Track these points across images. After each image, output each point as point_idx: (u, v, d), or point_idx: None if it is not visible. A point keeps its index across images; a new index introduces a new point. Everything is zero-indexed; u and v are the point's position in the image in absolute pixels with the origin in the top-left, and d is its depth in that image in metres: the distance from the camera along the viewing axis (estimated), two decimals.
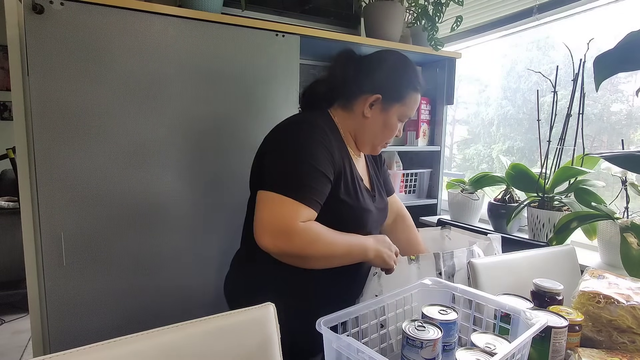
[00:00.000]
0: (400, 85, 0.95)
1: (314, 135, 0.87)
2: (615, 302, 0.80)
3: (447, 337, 0.74)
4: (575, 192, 1.39)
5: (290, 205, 0.80)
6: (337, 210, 0.89)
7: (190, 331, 0.61)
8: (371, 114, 0.95)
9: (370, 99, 0.94)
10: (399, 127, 1.01)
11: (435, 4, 1.68)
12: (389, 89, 0.94)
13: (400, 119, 0.98)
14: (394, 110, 0.96)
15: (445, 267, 0.97)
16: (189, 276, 1.30)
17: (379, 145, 1.01)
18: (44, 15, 1.04)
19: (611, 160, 1.01)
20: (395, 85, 0.95)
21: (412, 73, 0.97)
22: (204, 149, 1.29)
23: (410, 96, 0.96)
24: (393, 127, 0.98)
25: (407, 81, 0.96)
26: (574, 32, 1.62)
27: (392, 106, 0.95)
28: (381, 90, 0.94)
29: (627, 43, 0.86)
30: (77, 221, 1.13)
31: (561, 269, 1.08)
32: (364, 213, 0.94)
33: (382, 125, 0.97)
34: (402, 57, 0.99)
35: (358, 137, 0.99)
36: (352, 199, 0.92)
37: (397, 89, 0.95)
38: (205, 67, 1.26)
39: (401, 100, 0.95)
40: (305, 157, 0.84)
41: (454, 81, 1.85)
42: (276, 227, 0.80)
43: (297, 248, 0.80)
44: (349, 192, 0.91)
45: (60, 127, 1.09)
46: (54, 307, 1.12)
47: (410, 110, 0.98)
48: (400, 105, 0.96)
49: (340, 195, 0.89)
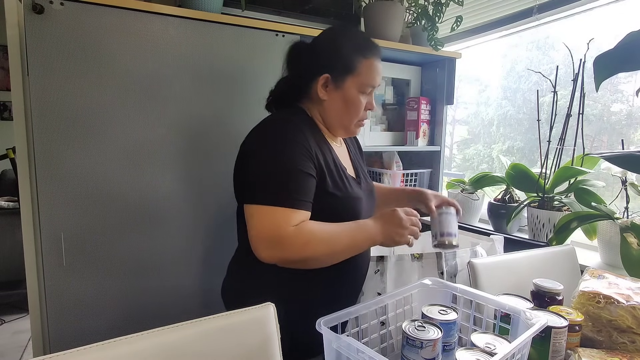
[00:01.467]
0: (344, 57, 0.91)
1: (288, 135, 0.85)
2: (615, 302, 0.80)
3: (447, 337, 0.74)
4: (575, 192, 1.39)
5: (276, 213, 0.80)
6: (328, 205, 0.88)
7: (190, 331, 0.61)
8: (327, 95, 0.93)
9: (320, 80, 0.91)
10: (369, 100, 0.95)
11: (435, 4, 1.68)
12: (334, 64, 0.91)
13: (361, 91, 0.92)
14: (349, 84, 0.91)
15: (447, 267, 0.98)
16: (189, 276, 1.30)
17: (351, 124, 0.96)
18: (44, 15, 1.04)
19: (611, 160, 1.01)
20: (339, 59, 0.91)
21: (355, 41, 0.92)
22: (203, 149, 1.29)
23: (360, 64, 0.91)
24: (355, 101, 0.92)
25: (352, 50, 0.91)
26: (574, 32, 1.62)
27: (344, 80, 0.91)
28: (327, 69, 0.91)
29: (627, 43, 0.86)
30: (77, 221, 1.13)
31: (561, 269, 1.08)
32: (355, 202, 0.93)
33: (342, 103, 0.93)
34: (342, 29, 0.96)
35: (326, 122, 0.96)
36: (341, 191, 0.90)
37: (343, 62, 0.91)
38: (205, 67, 1.26)
39: (352, 71, 0.91)
40: (282, 160, 0.83)
41: (454, 81, 1.85)
42: (268, 238, 0.79)
43: (294, 253, 0.79)
44: (336, 185, 0.90)
45: (60, 127, 1.09)
46: (54, 307, 1.12)
47: (368, 79, 0.92)
48: (353, 76, 0.91)
49: (328, 190, 0.88)
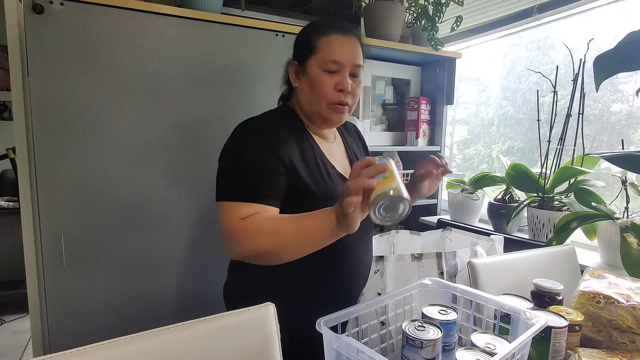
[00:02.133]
0: (305, 39, 0.93)
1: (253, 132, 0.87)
2: (615, 302, 0.80)
3: (447, 337, 0.74)
4: (575, 192, 1.39)
5: (228, 208, 0.80)
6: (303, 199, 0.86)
7: (190, 331, 0.61)
8: (299, 82, 0.94)
9: (291, 69, 0.95)
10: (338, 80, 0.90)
11: (435, 4, 1.68)
12: (298, 49, 0.95)
13: (323, 68, 0.90)
14: (311, 64, 0.91)
15: (447, 267, 0.98)
16: (189, 276, 1.30)
17: (322, 108, 0.91)
18: (44, 15, 1.04)
19: (611, 160, 1.01)
20: (301, 43, 0.94)
21: (317, 23, 0.95)
22: (204, 148, 1.29)
23: (319, 42, 0.90)
24: (318, 80, 0.90)
25: (311, 32, 0.93)
26: (574, 32, 1.62)
27: (307, 62, 0.92)
28: (294, 56, 0.95)
29: (627, 43, 0.86)
30: (77, 221, 1.13)
31: (561, 269, 1.08)
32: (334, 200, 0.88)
33: (309, 86, 0.92)
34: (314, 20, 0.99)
35: (303, 112, 0.96)
36: (319, 184, 0.88)
37: (304, 44, 0.93)
38: (205, 67, 1.26)
39: (313, 51, 0.91)
40: (241, 157, 0.84)
41: (454, 81, 1.85)
42: (222, 233, 0.80)
43: (242, 246, 0.76)
44: (314, 177, 0.88)
45: (60, 127, 1.09)
46: (54, 307, 1.12)
47: (328, 54, 0.89)
48: (314, 55, 0.91)
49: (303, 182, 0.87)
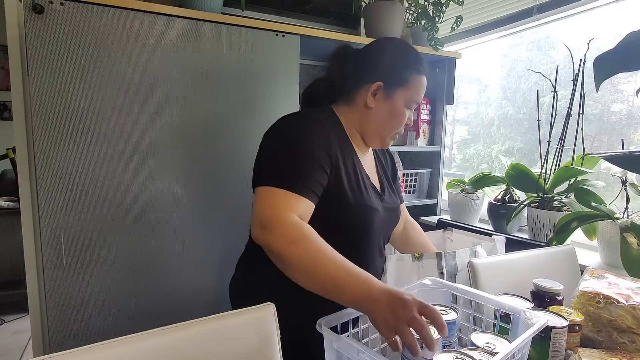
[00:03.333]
0: (401, 69, 0.92)
1: (309, 126, 0.85)
2: (615, 302, 0.80)
3: (447, 337, 0.74)
4: (575, 192, 1.39)
5: (281, 195, 0.77)
6: (338, 206, 0.86)
7: (190, 331, 0.61)
8: (375, 103, 0.93)
9: (372, 87, 0.91)
10: (408, 115, 0.96)
11: (435, 4, 1.68)
12: (390, 74, 0.92)
13: (407, 105, 0.94)
14: (399, 96, 0.92)
15: (447, 267, 0.97)
16: (189, 276, 1.30)
17: (387, 136, 0.96)
18: (44, 15, 1.04)
19: (611, 160, 1.01)
20: (396, 70, 0.92)
21: (413, 56, 0.94)
22: (203, 149, 1.29)
23: (413, 79, 0.93)
24: (400, 114, 0.94)
25: (409, 64, 0.93)
26: (574, 32, 1.62)
27: (395, 92, 0.92)
28: (382, 77, 0.91)
29: (627, 43, 0.86)
30: (77, 221, 1.13)
31: (561, 269, 1.08)
32: (368, 211, 0.90)
33: (388, 114, 0.93)
34: (400, 41, 0.97)
35: (364, 130, 0.95)
36: (355, 193, 0.88)
37: (399, 73, 0.92)
38: (205, 67, 1.26)
39: (405, 85, 0.92)
40: (298, 147, 0.82)
41: (454, 81, 1.85)
42: (265, 217, 0.75)
43: (278, 244, 0.72)
44: (351, 185, 0.88)
45: (60, 127, 1.09)
46: (54, 307, 1.12)
47: (416, 95, 0.94)
48: (404, 89, 0.92)
49: (341, 188, 0.86)
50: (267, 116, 1.37)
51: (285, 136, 0.85)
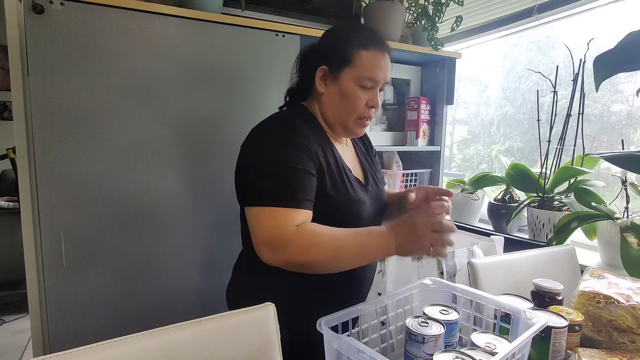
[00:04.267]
0: (342, 48, 0.88)
1: (285, 134, 0.84)
2: (615, 302, 0.80)
3: (448, 336, 0.74)
4: (575, 192, 1.39)
5: (277, 214, 0.77)
6: (326, 207, 0.86)
7: (190, 331, 0.61)
8: (325, 88, 0.91)
9: (318, 73, 0.90)
10: (370, 96, 0.90)
11: (435, 4, 1.68)
12: (330, 55, 0.89)
13: (359, 84, 0.88)
14: (346, 76, 0.88)
15: (447, 267, 0.98)
16: (189, 276, 1.30)
17: (349, 121, 0.91)
18: (44, 15, 1.04)
19: (611, 160, 1.01)
20: (336, 50, 0.89)
21: (355, 32, 0.90)
22: (203, 149, 1.29)
23: (358, 54, 0.87)
24: (352, 95, 0.88)
25: (350, 41, 0.88)
26: (574, 32, 1.62)
27: (341, 72, 0.88)
28: (325, 60, 0.89)
29: (627, 43, 0.86)
30: (77, 221, 1.13)
31: (561, 269, 1.08)
32: (355, 205, 0.90)
33: (339, 97, 0.89)
34: (345, 23, 0.96)
35: (325, 119, 0.94)
36: (341, 193, 0.88)
37: (339, 52, 0.88)
38: (205, 67, 1.26)
39: (349, 62, 0.87)
40: (280, 159, 0.81)
41: (454, 81, 1.85)
42: (270, 240, 0.77)
43: (296, 256, 0.76)
44: (336, 185, 0.88)
45: (60, 127, 1.09)
46: (54, 307, 1.12)
47: (367, 71, 0.87)
48: (350, 68, 0.87)
49: (327, 191, 0.86)
50: (267, 116, 1.36)
51: (267, 151, 0.84)
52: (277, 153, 0.82)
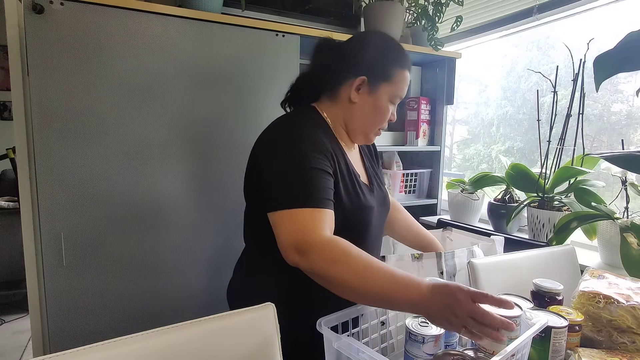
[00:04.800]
0: (385, 64, 0.90)
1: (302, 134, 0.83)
2: (615, 302, 0.80)
3: (448, 336, 0.74)
4: (575, 192, 1.39)
5: (300, 216, 0.74)
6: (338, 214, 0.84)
7: (190, 331, 0.61)
8: (359, 98, 0.91)
9: (355, 82, 0.89)
10: (392, 110, 0.95)
11: (435, 4, 1.68)
12: (373, 68, 0.90)
13: (391, 100, 0.93)
14: (383, 91, 0.91)
15: (447, 267, 0.98)
16: (189, 276, 1.30)
17: (372, 132, 0.95)
18: (44, 15, 1.04)
19: (611, 160, 1.01)
20: (379, 64, 0.90)
21: (396, 50, 0.92)
22: (203, 149, 1.29)
23: (397, 74, 0.91)
24: (384, 109, 0.92)
25: (392, 59, 0.91)
26: (574, 32, 1.62)
27: (379, 86, 0.90)
28: (366, 71, 0.89)
29: (627, 43, 0.86)
30: (77, 221, 1.13)
31: (561, 269, 1.08)
32: (366, 211, 0.90)
33: (372, 109, 0.92)
34: (384, 35, 0.95)
35: (349, 125, 0.94)
36: (353, 199, 0.88)
37: (383, 68, 0.90)
38: (205, 67, 1.26)
39: (388, 79, 0.90)
40: (297, 159, 0.79)
41: (454, 81, 1.85)
42: (295, 244, 0.72)
43: (320, 266, 0.70)
44: (348, 192, 0.88)
45: (60, 127, 1.09)
46: (54, 307, 1.12)
47: (400, 90, 0.93)
48: (388, 84, 0.91)
49: (340, 198, 0.85)
50: (266, 116, 1.37)
51: (281, 152, 0.82)
52: (294, 152, 0.80)
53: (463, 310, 0.61)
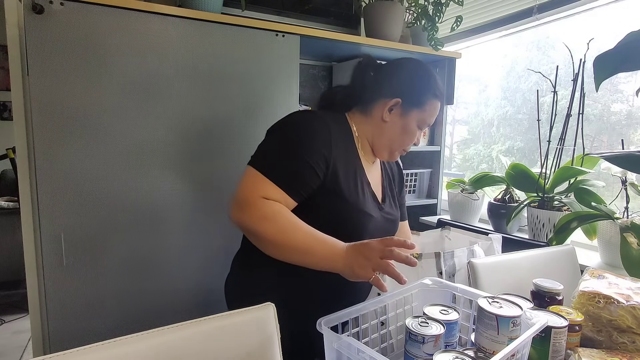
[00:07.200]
0: (419, 91, 0.95)
1: (314, 127, 0.87)
2: (615, 302, 0.80)
3: (448, 336, 0.74)
4: (575, 192, 1.39)
5: (260, 181, 0.81)
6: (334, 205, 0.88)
7: (190, 331, 0.61)
8: (390, 118, 0.95)
9: (389, 103, 0.94)
10: (418, 135, 1.00)
11: (435, 4, 1.68)
12: (408, 93, 0.95)
13: (419, 126, 0.98)
14: (413, 116, 0.96)
15: (446, 267, 0.97)
16: (189, 276, 1.30)
17: (397, 150, 1.00)
18: (44, 15, 1.04)
19: (611, 160, 1.01)
20: (414, 91, 0.95)
21: (432, 80, 0.97)
22: (203, 149, 1.29)
23: (429, 103, 0.96)
24: (412, 132, 0.97)
25: (427, 87, 0.96)
26: (574, 32, 1.62)
27: (411, 111, 0.95)
28: (401, 95, 0.94)
29: (627, 43, 0.86)
30: (77, 221, 1.13)
31: (561, 269, 1.08)
32: (362, 215, 0.92)
33: (400, 130, 0.96)
34: (422, 64, 0.99)
35: (375, 141, 0.98)
36: (351, 193, 0.90)
37: (417, 95, 0.95)
38: (205, 67, 1.26)
39: (421, 106, 0.95)
40: (294, 143, 0.85)
41: (454, 81, 1.85)
42: (238, 197, 0.81)
43: (250, 221, 0.79)
44: (348, 186, 0.90)
45: (60, 127, 1.09)
46: (54, 307, 1.12)
47: (429, 118, 0.98)
48: (419, 111, 0.96)
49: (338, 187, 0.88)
50: (266, 116, 1.37)
51: (288, 132, 0.88)
52: (296, 137, 0.86)
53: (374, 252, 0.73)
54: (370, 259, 0.74)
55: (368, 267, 0.74)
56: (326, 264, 0.78)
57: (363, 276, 0.74)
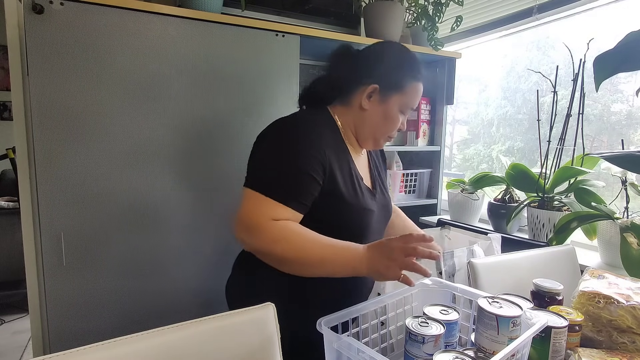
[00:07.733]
0: (398, 74, 0.92)
1: (303, 133, 0.85)
2: (615, 302, 0.80)
3: (448, 336, 0.74)
4: (575, 192, 1.39)
5: (264, 202, 0.79)
6: (335, 208, 0.87)
7: (190, 331, 0.61)
8: (369, 105, 0.92)
9: (367, 89, 0.91)
10: (402, 120, 0.96)
11: (435, 4, 1.68)
12: (386, 78, 0.91)
13: (401, 111, 0.94)
14: (394, 101, 0.92)
15: (446, 267, 0.98)
16: (189, 276, 1.30)
17: (381, 138, 0.97)
18: (44, 15, 1.04)
19: (611, 160, 1.01)
20: (392, 75, 0.92)
21: (411, 62, 0.93)
22: (203, 149, 1.29)
23: (410, 85, 0.92)
24: (394, 118, 0.94)
25: (406, 70, 0.92)
26: (574, 32, 1.62)
27: (390, 96, 0.92)
28: (378, 80, 0.91)
29: (627, 43, 0.86)
30: (77, 221, 1.13)
31: (561, 269, 1.08)
32: (364, 213, 0.91)
33: (382, 117, 0.93)
34: (400, 46, 0.96)
35: (358, 131, 0.96)
36: (352, 199, 0.89)
37: (395, 78, 0.92)
38: (205, 67, 1.26)
39: (400, 90, 0.92)
40: (288, 155, 0.83)
41: (454, 81, 1.85)
42: (246, 222, 0.79)
43: (264, 245, 0.78)
44: (347, 188, 0.89)
45: (60, 127, 1.09)
46: (54, 307, 1.12)
47: (411, 101, 0.94)
48: (400, 95, 0.92)
49: (338, 195, 0.87)
50: (267, 116, 1.37)
51: (280, 144, 0.86)
52: (288, 148, 0.84)
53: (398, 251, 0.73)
54: (394, 260, 0.74)
55: (395, 267, 0.74)
56: (349, 271, 0.78)
57: (392, 277, 0.75)
